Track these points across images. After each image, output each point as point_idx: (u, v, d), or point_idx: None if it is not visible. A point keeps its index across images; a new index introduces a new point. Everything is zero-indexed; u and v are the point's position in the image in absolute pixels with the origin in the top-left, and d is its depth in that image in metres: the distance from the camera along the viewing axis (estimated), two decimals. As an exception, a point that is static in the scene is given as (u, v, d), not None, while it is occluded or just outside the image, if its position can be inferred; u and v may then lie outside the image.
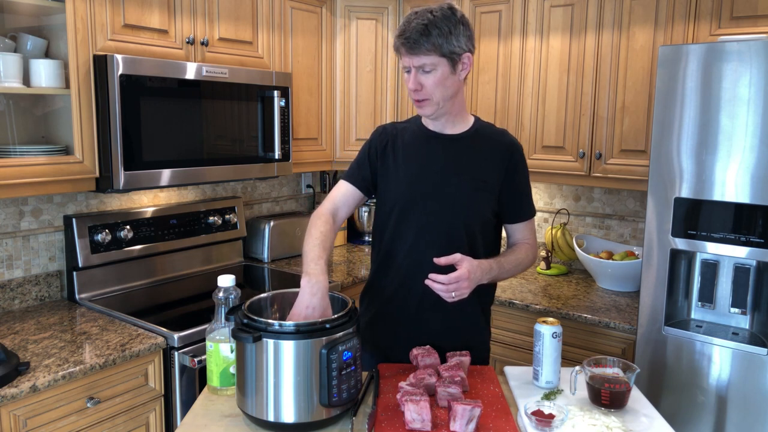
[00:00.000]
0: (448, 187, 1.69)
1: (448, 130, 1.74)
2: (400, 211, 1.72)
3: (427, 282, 1.54)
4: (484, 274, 1.60)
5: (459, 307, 1.64)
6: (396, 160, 1.75)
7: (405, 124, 1.82)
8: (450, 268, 1.56)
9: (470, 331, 1.79)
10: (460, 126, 1.74)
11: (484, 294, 1.76)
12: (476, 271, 1.56)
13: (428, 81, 1.60)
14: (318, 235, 1.61)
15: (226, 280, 1.56)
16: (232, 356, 1.52)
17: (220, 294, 1.55)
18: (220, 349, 1.53)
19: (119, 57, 2.14)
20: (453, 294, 1.53)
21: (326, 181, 3.68)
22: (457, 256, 1.56)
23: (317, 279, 1.46)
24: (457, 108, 1.71)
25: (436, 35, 1.55)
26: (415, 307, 1.73)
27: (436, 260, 1.56)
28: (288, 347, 1.33)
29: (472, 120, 1.77)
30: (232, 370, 1.53)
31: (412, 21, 1.57)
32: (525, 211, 1.80)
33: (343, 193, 1.78)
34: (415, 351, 1.62)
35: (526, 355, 2.60)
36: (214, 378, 1.55)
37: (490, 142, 1.74)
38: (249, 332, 1.33)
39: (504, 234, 1.84)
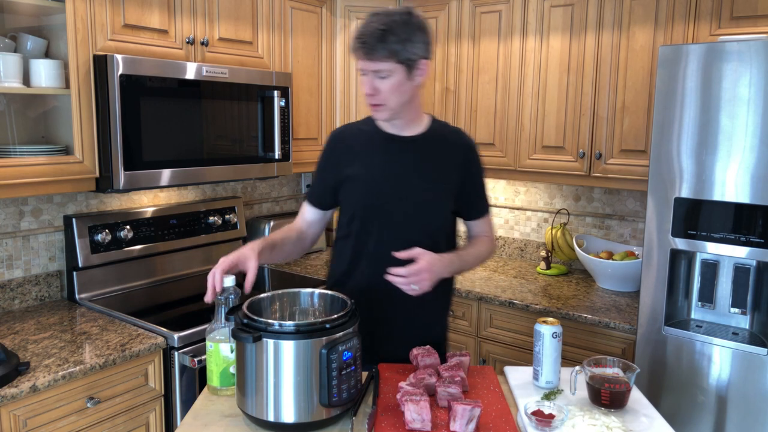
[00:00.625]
0: (407, 189, 1.70)
1: (405, 131, 1.74)
2: (362, 216, 1.73)
3: (388, 277, 1.54)
4: (445, 268, 1.63)
5: (422, 304, 1.67)
6: (353, 165, 1.75)
7: (360, 126, 1.81)
8: (411, 262, 1.57)
9: (434, 327, 1.82)
10: (417, 127, 1.75)
11: (443, 288, 1.77)
12: (437, 263, 1.58)
13: (384, 86, 1.60)
14: (271, 235, 1.76)
15: (226, 280, 1.55)
16: (232, 356, 1.52)
17: (220, 294, 1.55)
18: (220, 349, 1.53)
19: (119, 57, 2.14)
20: (414, 286, 1.54)
21: (326, 181, 3.67)
22: (417, 250, 1.57)
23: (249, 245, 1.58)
24: (413, 112, 1.72)
25: (393, 42, 1.55)
26: (381, 309, 1.73)
27: (395, 254, 1.58)
28: (288, 347, 1.33)
29: (427, 120, 1.78)
30: (232, 370, 1.53)
31: (371, 24, 1.57)
32: (482, 207, 1.84)
33: (308, 217, 1.85)
34: (415, 351, 1.62)
35: (526, 355, 2.60)
36: (214, 378, 1.55)
37: (446, 143, 1.76)
38: (249, 332, 1.33)
39: (463, 228, 1.89)
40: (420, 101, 1.74)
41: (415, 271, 1.53)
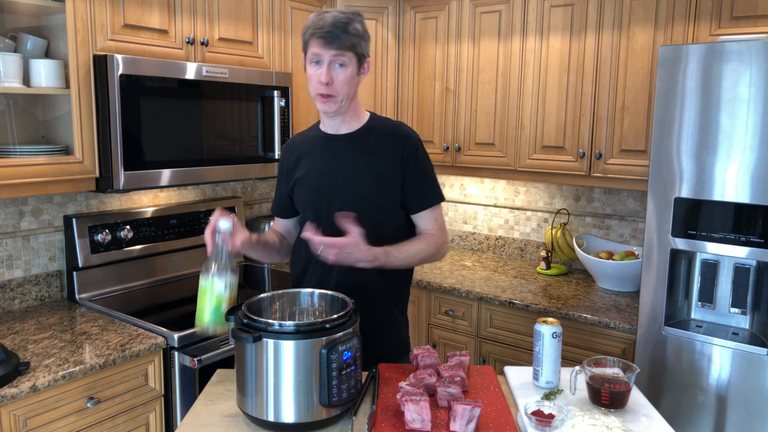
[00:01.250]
0: (349, 185, 1.73)
1: (343, 129, 1.78)
2: (310, 216, 1.76)
3: (304, 234, 1.56)
4: (364, 255, 1.58)
5: (374, 303, 1.70)
6: (301, 169, 1.81)
7: (307, 132, 1.89)
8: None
9: (388, 325, 1.81)
10: (355, 124, 1.78)
11: (396, 288, 1.81)
12: (353, 249, 1.56)
13: (339, 76, 1.65)
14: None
15: (223, 223, 1.54)
16: (226, 293, 1.49)
17: (217, 232, 1.53)
18: (214, 285, 1.49)
19: (119, 57, 2.14)
20: (320, 251, 1.54)
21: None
22: (354, 229, 1.57)
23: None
24: (353, 108, 1.76)
25: (353, 34, 1.63)
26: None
27: (337, 214, 1.60)
28: (288, 347, 1.33)
29: (366, 117, 1.81)
30: (224, 307, 1.49)
31: (329, 18, 1.62)
32: (424, 200, 1.79)
33: (278, 228, 1.95)
34: (415, 351, 1.62)
35: (526, 355, 2.60)
36: (204, 315, 1.49)
37: (384, 137, 1.77)
38: (249, 332, 1.33)
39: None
40: (358, 99, 1.78)
41: (329, 242, 1.53)
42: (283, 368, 1.33)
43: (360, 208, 1.68)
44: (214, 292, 1.49)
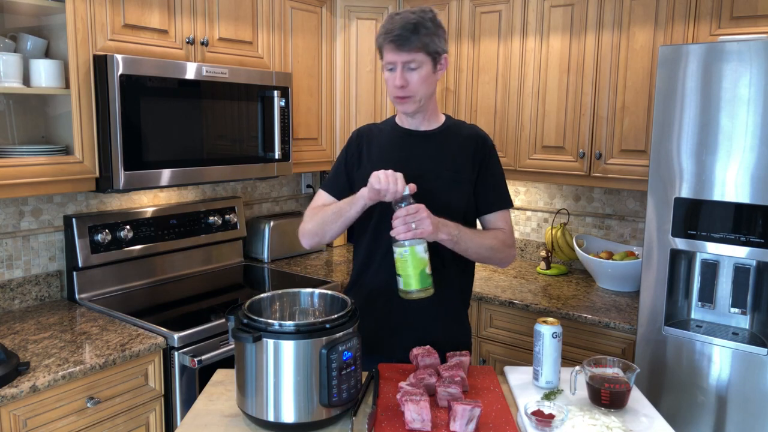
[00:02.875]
0: (425, 182, 1.70)
1: (423, 127, 1.79)
2: (379, 210, 1.73)
3: (392, 232, 1.53)
4: (442, 223, 1.59)
5: (440, 301, 1.68)
6: (372, 161, 1.79)
7: (381, 126, 1.89)
8: None
9: (453, 324, 1.82)
10: (434, 123, 1.80)
11: (465, 286, 1.85)
12: (433, 215, 1.56)
13: (413, 78, 1.65)
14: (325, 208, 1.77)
15: (412, 187, 1.55)
16: (426, 256, 1.53)
17: (401, 201, 1.55)
18: (416, 251, 1.52)
19: (119, 57, 2.14)
20: (413, 225, 1.51)
21: (326, 181, 3.67)
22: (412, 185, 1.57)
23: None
24: (432, 106, 1.77)
25: (423, 34, 1.62)
26: (398, 305, 1.71)
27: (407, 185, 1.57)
28: (288, 347, 1.33)
29: (443, 117, 1.83)
30: (428, 270, 1.54)
31: (399, 20, 1.62)
32: (497, 201, 1.81)
33: (323, 202, 1.85)
34: (415, 351, 1.62)
35: (526, 355, 2.60)
36: (412, 281, 1.53)
37: (462, 137, 1.79)
38: (249, 332, 1.33)
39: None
40: (436, 98, 1.78)
41: (413, 209, 1.52)
42: (283, 368, 1.33)
43: (432, 208, 1.66)
44: (418, 256, 1.52)
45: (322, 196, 1.88)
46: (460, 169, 1.75)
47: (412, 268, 1.53)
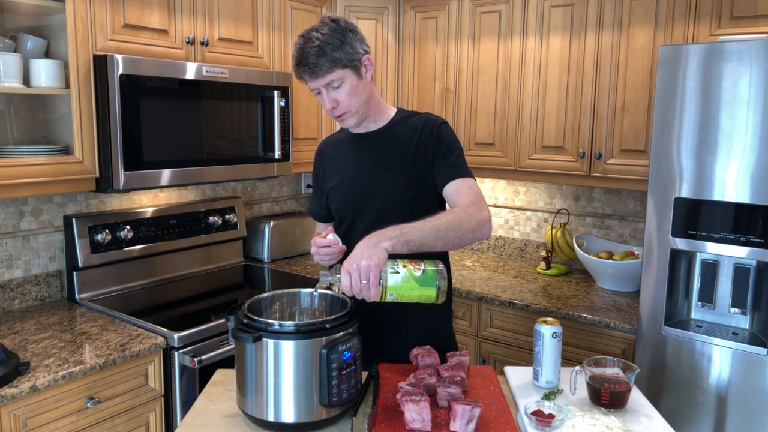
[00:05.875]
0: (382, 182, 1.71)
1: (372, 127, 1.78)
2: (347, 219, 1.76)
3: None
4: (379, 239, 1.38)
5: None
6: (334, 173, 1.81)
7: (337, 135, 1.89)
8: None
9: (435, 322, 1.80)
10: (382, 120, 1.77)
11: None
12: (359, 246, 1.37)
13: (341, 95, 1.63)
14: None
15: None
16: (405, 272, 1.36)
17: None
18: (397, 287, 1.36)
19: (119, 57, 2.14)
20: (363, 294, 1.33)
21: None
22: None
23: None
24: (375, 108, 1.74)
25: (330, 51, 1.56)
26: (398, 304, 1.67)
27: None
28: (288, 347, 1.33)
29: (393, 112, 1.80)
30: (417, 273, 1.36)
31: (305, 47, 1.58)
32: (450, 172, 1.67)
33: (320, 231, 1.87)
34: (415, 351, 1.62)
35: (526, 355, 2.60)
36: (427, 294, 1.38)
37: (412, 127, 1.74)
38: (249, 332, 1.33)
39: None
40: (378, 95, 1.76)
41: (346, 285, 1.33)
42: (283, 368, 1.33)
43: (397, 202, 1.67)
44: (402, 289, 1.37)
45: (318, 227, 1.95)
46: (413, 159, 1.70)
47: (410, 297, 1.39)
